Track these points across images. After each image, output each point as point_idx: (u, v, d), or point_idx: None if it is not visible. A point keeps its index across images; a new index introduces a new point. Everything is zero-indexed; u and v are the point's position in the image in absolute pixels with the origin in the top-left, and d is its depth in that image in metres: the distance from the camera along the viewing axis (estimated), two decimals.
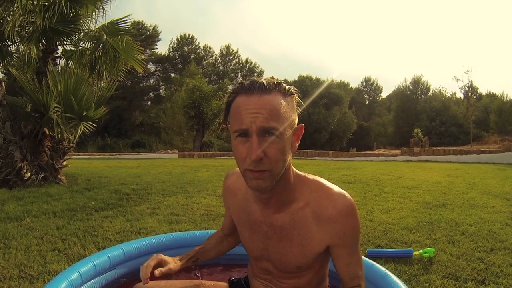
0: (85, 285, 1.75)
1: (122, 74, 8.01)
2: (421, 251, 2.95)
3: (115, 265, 1.92)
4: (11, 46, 7.39)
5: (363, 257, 2.00)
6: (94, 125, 6.84)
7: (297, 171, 1.31)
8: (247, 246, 1.46)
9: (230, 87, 42.81)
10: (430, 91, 41.78)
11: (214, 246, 1.68)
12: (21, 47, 7.33)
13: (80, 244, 3.18)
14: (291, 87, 1.20)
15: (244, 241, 1.47)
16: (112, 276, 1.92)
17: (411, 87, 42.25)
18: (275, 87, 1.14)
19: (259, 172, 1.12)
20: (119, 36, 7.36)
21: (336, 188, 1.28)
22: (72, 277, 1.64)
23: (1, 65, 7.12)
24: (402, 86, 42.86)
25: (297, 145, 1.24)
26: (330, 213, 1.23)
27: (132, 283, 1.66)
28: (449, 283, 2.45)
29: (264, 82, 1.14)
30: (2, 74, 6.43)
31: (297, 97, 1.23)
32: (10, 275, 2.52)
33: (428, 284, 2.45)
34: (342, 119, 38.57)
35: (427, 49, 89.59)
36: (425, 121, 34.58)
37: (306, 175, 1.32)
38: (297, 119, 1.22)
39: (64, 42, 7.54)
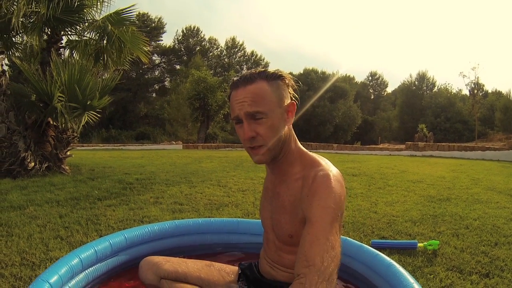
0: (86, 271, 1.74)
1: (128, 64, 8.00)
2: (426, 243, 2.92)
3: (116, 251, 1.91)
4: (16, 37, 7.41)
5: (367, 246, 1.98)
6: (98, 115, 6.83)
7: (301, 147, 1.46)
8: (261, 215, 1.62)
9: (235, 79, 42.97)
10: (436, 87, 41.62)
11: None
12: (25, 38, 7.34)
13: (82, 232, 3.18)
14: (277, 71, 1.38)
15: (260, 210, 1.64)
16: (114, 263, 1.91)
17: (416, 82, 42.07)
18: (258, 76, 1.34)
19: (256, 148, 1.35)
20: (124, 27, 7.34)
21: (325, 163, 1.38)
22: (72, 263, 1.63)
23: (5, 55, 7.10)
24: (408, 81, 42.70)
25: (292, 120, 1.40)
26: (308, 178, 1.33)
27: (134, 270, 1.65)
28: (453, 276, 2.43)
29: (248, 74, 1.36)
30: (7, 66, 6.41)
31: (288, 77, 1.40)
32: (12, 262, 2.52)
33: (432, 276, 2.42)
34: (347, 113, 38.43)
35: (433, 45, 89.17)
36: (430, 117, 34.36)
37: (307, 152, 1.46)
38: (287, 97, 1.39)
39: (69, 32, 7.53)
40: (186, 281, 1.58)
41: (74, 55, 7.76)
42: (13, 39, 7.41)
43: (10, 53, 7.32)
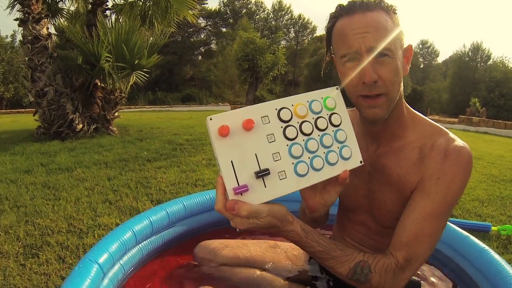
0: (139, 245, 1.56)
1: (174, 25, 7.86)
2: (500, 227, 2.66)
3: (174, 222, 1.70)
4: (60, 2, 7.49)
5: (453, 225, 1.71)
6: (146, 75, 6.76)
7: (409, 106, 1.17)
8: (346, 194, 1.27)
9: (283, 42, 42.36)
10: (491, 60, 39.26)
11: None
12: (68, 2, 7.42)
13: (132, 196, 3.08)
14: (393, 5, 1.05)
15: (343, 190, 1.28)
16: (170, 235, 1.70)
17: (470, 53, 39.91)
18: (377, 5, 1.02)
19: (374, 98, 1.02)
20: None
21: (449, 131, 1.10)
22: (125, 237, 1.42)
23: (49, 19, 7.13)
24: (461, 52, 40.60)
25: (408, 68, 1.09)
26: (439, 150, 1.05)
27: (193, 242, 1.48)
28: None
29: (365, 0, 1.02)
30: (55, 36, 6.44)
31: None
32: (59, 229, 2.42)
33: (510, 265, 2.16)
34: None
35: (490, 14, 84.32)
36: (483, 92, 32.42)
37: (420, 114, 1.18)
38: (404, 38, 1.07)
39: None
40: (249, 266, 1.37)
41: (120, 19, 7.71)
42: (58, 4, 7.46)
43: (55, 19, 7.40)
